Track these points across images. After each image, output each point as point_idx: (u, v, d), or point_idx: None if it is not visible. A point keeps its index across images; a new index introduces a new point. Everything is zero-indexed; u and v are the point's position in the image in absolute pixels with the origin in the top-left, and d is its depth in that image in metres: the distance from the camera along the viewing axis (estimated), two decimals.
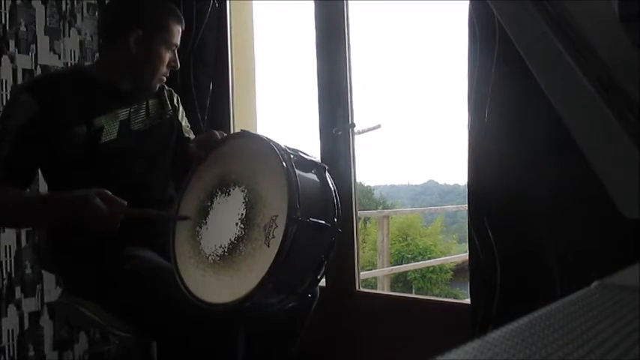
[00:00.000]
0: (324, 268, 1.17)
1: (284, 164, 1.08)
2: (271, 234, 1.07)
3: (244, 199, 1.16)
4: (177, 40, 1.43)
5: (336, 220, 1.16)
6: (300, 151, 1.20)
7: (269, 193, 1.12)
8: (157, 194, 1.47)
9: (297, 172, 1.09)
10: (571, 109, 0.60)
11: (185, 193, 1.29)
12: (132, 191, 1.28)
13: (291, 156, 1.12)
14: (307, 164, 1.18)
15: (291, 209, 1.04)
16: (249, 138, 1.25)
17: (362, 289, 2.09)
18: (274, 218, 1.08)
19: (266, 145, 1.15)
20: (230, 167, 1.23)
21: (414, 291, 10.12)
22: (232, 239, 1.14)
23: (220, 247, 1.16)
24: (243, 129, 1.30)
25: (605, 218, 1.21)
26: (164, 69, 1.43)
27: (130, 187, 1.31)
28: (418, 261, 10.46)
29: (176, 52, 1.44)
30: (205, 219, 1.22)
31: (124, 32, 1.37)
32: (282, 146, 1.14)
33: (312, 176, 1.19)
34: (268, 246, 1.07)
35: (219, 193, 1.22)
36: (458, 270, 10.06)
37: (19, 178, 1.30)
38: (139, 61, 1.39)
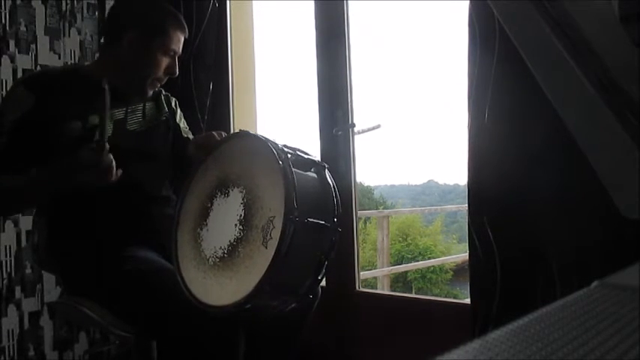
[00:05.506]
0: (324, 269, 1.15)
1: (280, 164, 1.07)
2: (269, 235, 1.06)
3: (243, 199, 1.15)
4: (177, 47, 1.42)
5: (335, 219, 1.15)
6: (299, 150, 1.19)
7: (267, 193, 1.11)
8: (153, 192, 1.47)
9: (295, 171, 1.07)
10: (571, 109, 0.60)
11: (186, 195, 1.29)
12: (126, 188, 1.29)
13: (289, 155, 1.11)
14: (306, 163, 1.17)
15: (288, 210, 1.03)
16: (248, 138, 1.24)
17: (362, 289, 2.09)
18: (271, 219, 1.07)
19: (263, 144, 1.14)
20: (229, 168, 1.22)
21: (414, 291, 10.13)
22: (231, 241, 1.13)
23: (220, 248, 1.15)
24: (242, 129, 1.29)
25: (606, 218, 1.21)
26: (159, 74, 1.42)
27: (124, 185, 1.30)
28: (418, 261, 10.46)
29: (176, 59, 1.43)
30: (206, 220, 1.22)
31: (121, 33, 1.37)
32: (280, 146, 1.13)
33: (311, 175, 1.18)
34: (266, 247, 1.06)
35: (219, 194, 1.21)
36: (458, 270, 10.06)
37: (16, 172, 1.30)
38: (133, 63, 1.39)
